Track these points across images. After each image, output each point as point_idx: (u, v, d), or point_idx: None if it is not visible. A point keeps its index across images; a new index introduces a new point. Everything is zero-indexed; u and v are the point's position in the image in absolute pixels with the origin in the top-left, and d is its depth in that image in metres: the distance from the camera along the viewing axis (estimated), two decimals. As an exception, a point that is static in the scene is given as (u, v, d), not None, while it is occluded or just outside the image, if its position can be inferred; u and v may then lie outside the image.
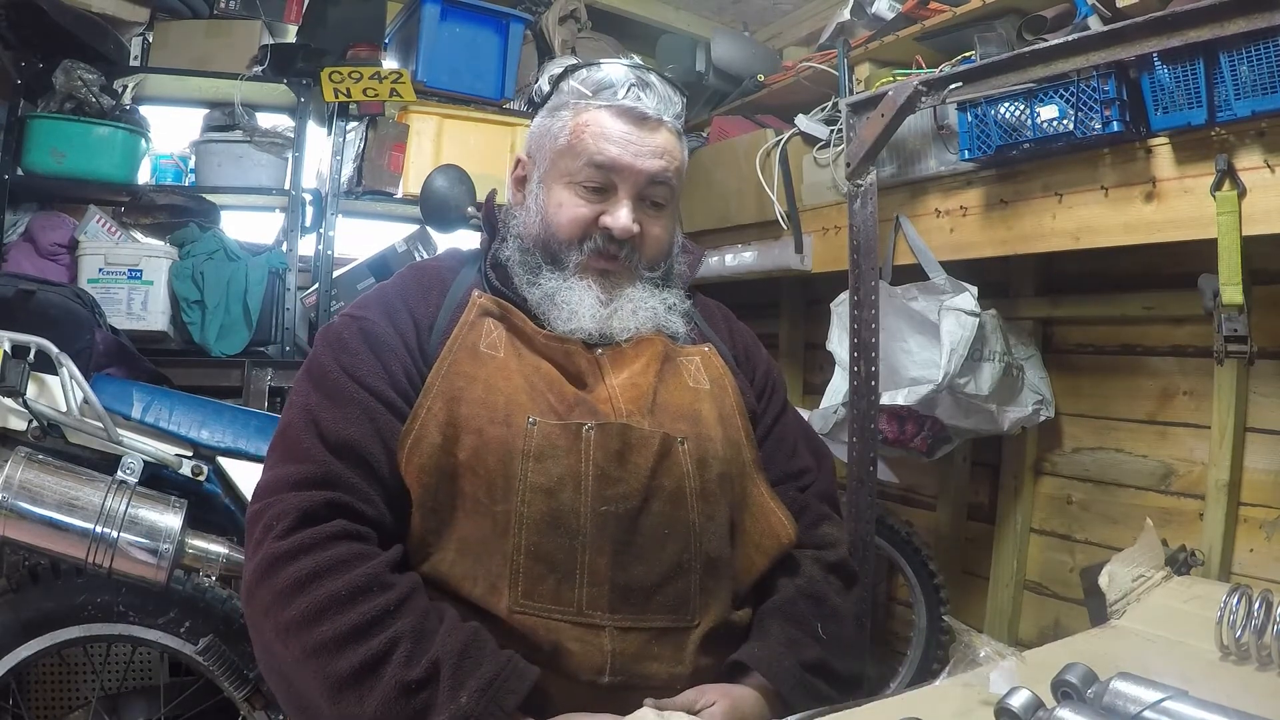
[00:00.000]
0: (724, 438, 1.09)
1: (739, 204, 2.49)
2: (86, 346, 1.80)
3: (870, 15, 2.23)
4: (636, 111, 1.08)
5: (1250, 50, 1.35)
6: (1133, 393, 2.05)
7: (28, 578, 1.59)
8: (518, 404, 1.01)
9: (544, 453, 0.98)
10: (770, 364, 1.28)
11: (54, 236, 2.40)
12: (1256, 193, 1.40)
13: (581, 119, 1.09)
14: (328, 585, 0.89)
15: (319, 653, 0.87)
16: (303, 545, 0.91)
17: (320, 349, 1.06)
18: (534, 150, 1.16)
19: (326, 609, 0.88)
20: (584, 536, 0.97)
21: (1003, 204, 1.80)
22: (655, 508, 1.00)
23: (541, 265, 1.10)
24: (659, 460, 1.02)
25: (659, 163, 1.09)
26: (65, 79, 2.36)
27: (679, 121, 1.13)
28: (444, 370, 1.03)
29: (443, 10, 2.69)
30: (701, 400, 1.10)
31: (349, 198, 2.68)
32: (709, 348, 1.17)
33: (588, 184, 1.08)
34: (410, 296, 1.10)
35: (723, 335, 1.24)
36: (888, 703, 0.77)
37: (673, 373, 1.11)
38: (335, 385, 1.01)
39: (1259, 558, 1.76)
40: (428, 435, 0.99)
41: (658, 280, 1.14)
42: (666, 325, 1.13)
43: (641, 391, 1.06)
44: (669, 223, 1.15)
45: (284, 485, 0.96)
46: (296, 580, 0.90)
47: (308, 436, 0.98)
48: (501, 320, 1.08)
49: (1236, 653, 1.02)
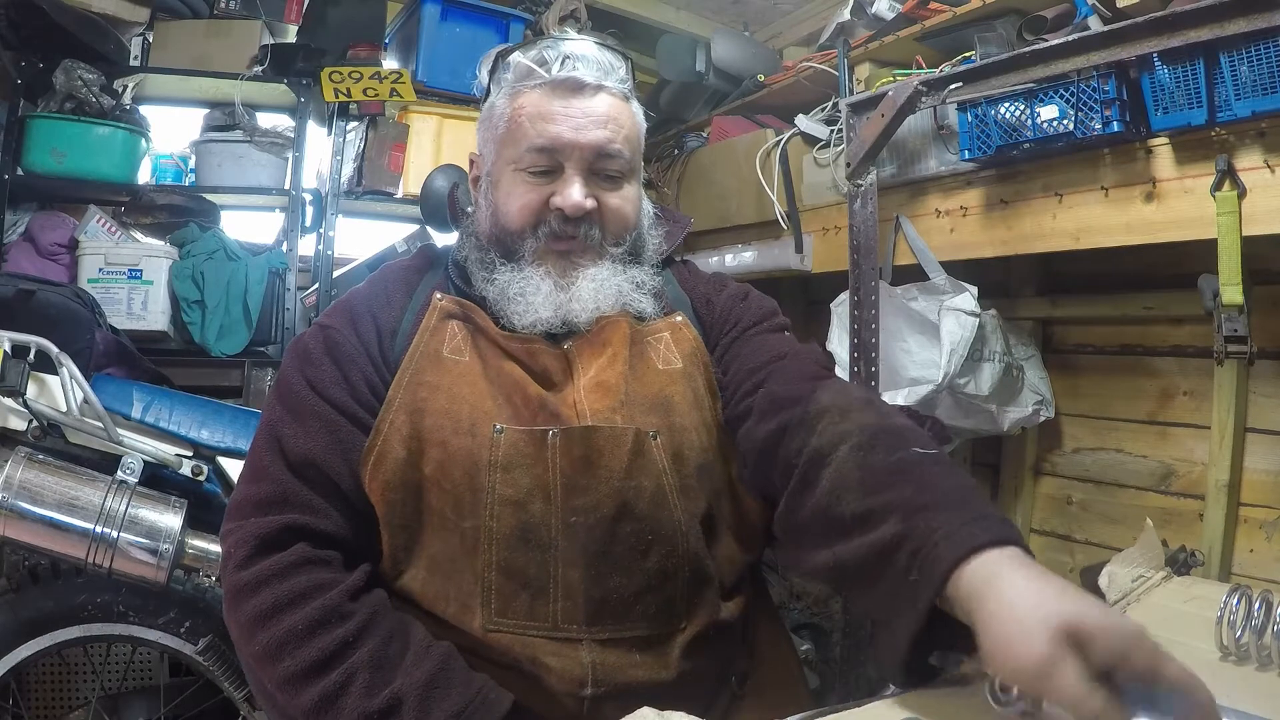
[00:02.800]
0: (699, 423, 1.03)
1: (739, 204, 2.49)
2: (86, 346, 1.80)
3: (870, 15, 2.23)
4: (572, 81, 1.02)
5: (1250, 50, 1.35)
6: (1133, 393, 2.05)
7: (28, 578, 1.60)
8: (483, 411, 0.97)
9: (511, 462, 0.94)
10: (736, 294, 1.15)
11: (54, 236, 2.40)
12: (1256, 193, 1.40)
13: (517, 103, 1.03)
14: (286, 620, 0.87)
15: (284, 687, 0.87)
16: (261, 577, 0.90)
17: (287, 361, 1.04)
18: (481, 145, 1.11)
19: (285, 644, 0.87)
20: (556, 549, 0.93)
21: (1003, 204, 1.80)
22: (638, 510, 0.95)
23: (496, 261, 1.05)
24: (633, 459, 0.96)
25: (602, 133, 1.01)
26: (65, 79, 2.36)
27: (625, 85, 1.06)
28: (405, 381, 0.99)
29: (443, 10, 2.69)
30: (673, 383, 1.04)
31: (349, 198, 2.68)
32: (680, 318, 1.10)
33: (533, 168, 1.02)
34: (375, 302, 1.06)
35: (698, 297, 1.15)
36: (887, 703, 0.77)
37: (640, 357, 1.04)
38: (298, 399, 0.99)
39: (1259, 558, 1.76)
40: (391, 450, 0.96)
41: (624, 256, 1.07)
42: (632, 304, 1.05)
43: (610, 388, 1.00)
44: (631, 191, 1.07)
45: (246, 508, 0.95)
46: (258, 614, 0.89)
47: (269, 454, 0.97)
48: (465, 321, 1.04)
49: (1236, 653, 1.02)
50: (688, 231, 1.22)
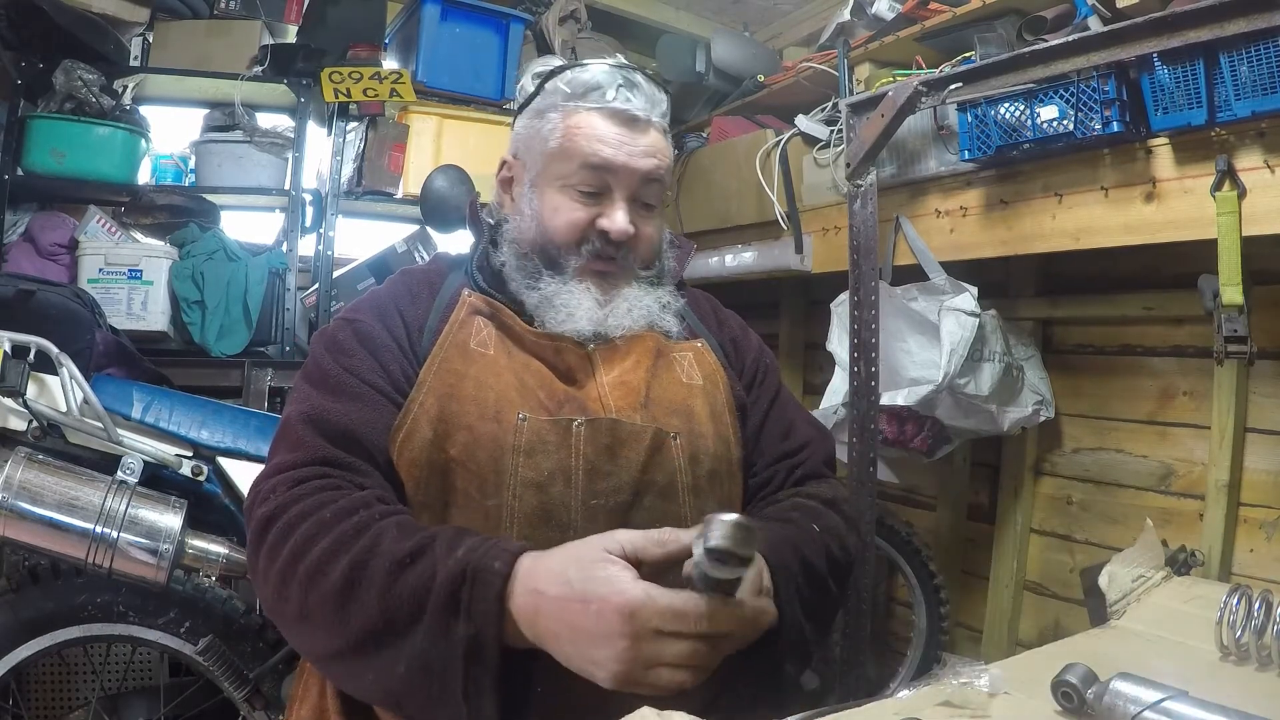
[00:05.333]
0: (715, 434, 1.10)
1: (739, 204, 2.49)
2: (86, 346, 1.79)
3: (870, 15, 2.23)
4: (627, 113, 1.09)
5: (1250, 50, 1.35)
6: (1133, 393, 2.05)
7: (28, 578, 1.59)
8: (508, 400, 1.02)
9: (534, 448, 0.99)
10: (761, 349, 1.27)
11: (54, 236, 2.40)
12: (1256, 193, 1.40)
13: (572, 121, 1.10)
14: (315, 516, 0.89)
15: (313, 577, 0.86)
16: (293, 497, 0.91)
17: (317, 351, 1.07)
18: (522, 152, 1.16)
19: (315, 535, 0.87)
20: (575, 530, 0.97)
21: (1003, 204, 1.80)
22: (647, 502, 1.01)
23: (541, 270, 1.11)
24: (651, 455, 1.02)
25: (652, 162, 1.10)
26: (65, 79, 2.36)
27: (665, 120, 1.15)
28: (435, 367, 1.04)
29: (443, 10, 2.69)
30: (694, 396, 1.11)
31: (349, 198, 2.68)
32: (701, 344, 1.18)
33: (582, 187, 1.09)
34: (400, 299, 1.11)
35: (712, 328, 1.25)
36: (887, 703, 0.77)
37: (665, 368, 1.12)
38: (336, 382, 1.02)
39: (1259, 558, 1.76)
40: (419, 430, 1.00)
41: (652, 279, 1.16)
42: (660, 323, 1.14)
43: (632, 388, 1.07)
44: (660, 221, 1.17)
45: (279, 470, 0.97)
46: (286, 525, 0.90)
47: (305, 430, 0.98)
48: (491, 318, 1.09)
49: (1236, 653, 1.02)
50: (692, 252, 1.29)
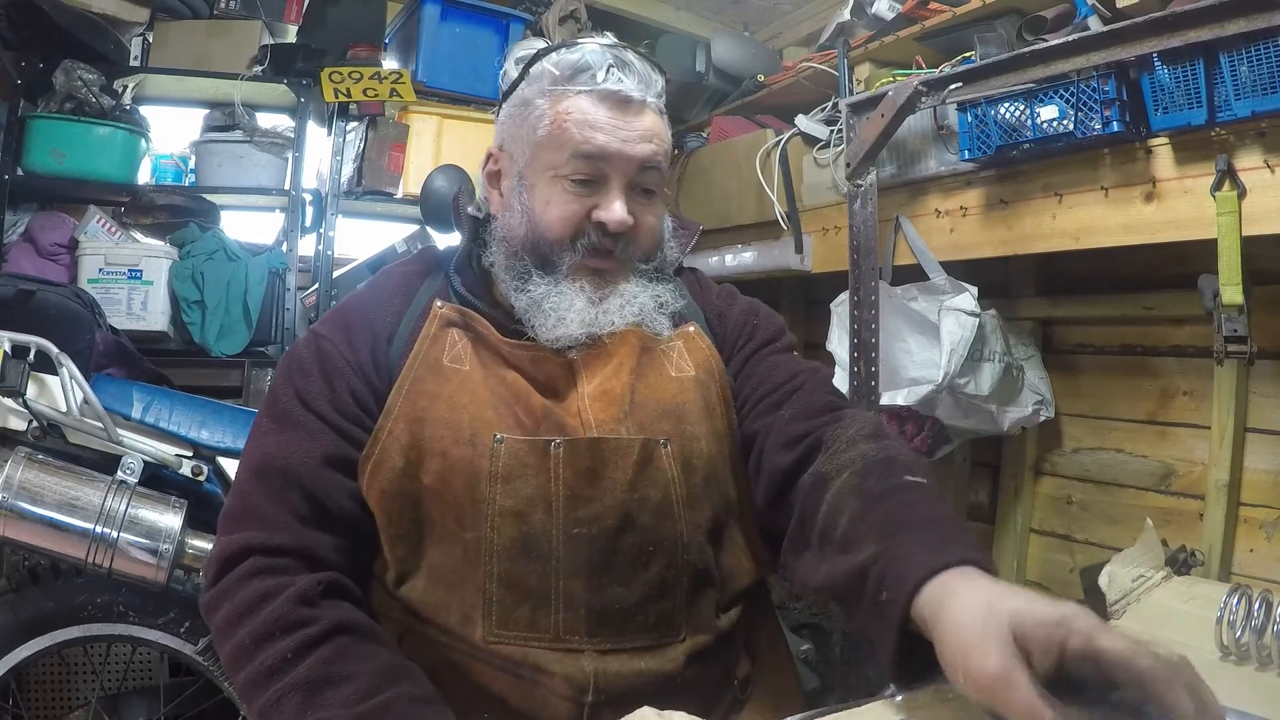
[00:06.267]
0: (709, 431, 1.02)
1: (739, 204, 2.49)
2: (86, 346, 1.80)
3: (870, 15, 2.23)
4: (620, 95, 1.00)
5: (1250, 50, 1.35)
6: (1133, 393, 2.05)
7: (28, 578, 1.60)
8: (483, 420, 0.95)
9: (512, 473, 0.94)
10: (748, 310, 1.15)
11: (54, 236, 2.40)
12: (1256, 193, 1.40)
13: (561, 106, 1.00)
14: (238, 633, 0.88)
15: (243, 693, 0.88)
16: (220, 593, 0.91)
17: (280, 369, 1.04)
18: (508, 143, 1.07)
19: (239, 656, 0.88)
20: (557, 561, 0.93)
21: (1003, 204, 1.80)
22: (641, 522, 0.95)
23: (531, 270, 1.02)
24: (639, 470, 0.96)
25: (649, 147, 1.01)
26: (65, 79, 2.36)
27: (661, 100, 1.06)
28: (405, 389, 0.98)
29: (443, 10, 2.69)
30: (685, 390, 1.03)
31: (349, 198, 2.68)
32: (693, 328, 1.09)
33: (575, 177, 1.00)
34: (371, 307, 1.05)
35: (701, 303, 1.15)
36: (887, 703, 0.77)
37: (652, 365, 1.04)
38: (283, 409, 0.98)
39: (1259, 558, 1.76)
40: (389, 459, 0.95)
41: (650, 272, 1.07)
42: (652, 324, 1.05)
43: (615, 396, 0.99)
44: (660, 208, 1.08)
45: (222, 522, 0.97)
46: (219, 628, 0.91)
47: (243, 466, 0.98)
48: (466, 330, 1.02)
49: (1236, 653, 1.02)
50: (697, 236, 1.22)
